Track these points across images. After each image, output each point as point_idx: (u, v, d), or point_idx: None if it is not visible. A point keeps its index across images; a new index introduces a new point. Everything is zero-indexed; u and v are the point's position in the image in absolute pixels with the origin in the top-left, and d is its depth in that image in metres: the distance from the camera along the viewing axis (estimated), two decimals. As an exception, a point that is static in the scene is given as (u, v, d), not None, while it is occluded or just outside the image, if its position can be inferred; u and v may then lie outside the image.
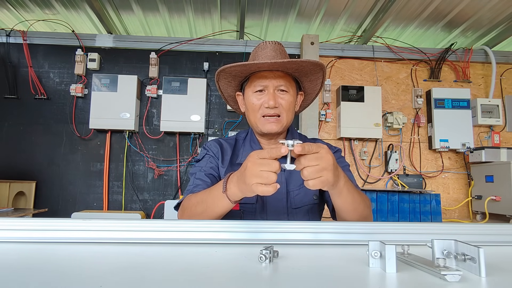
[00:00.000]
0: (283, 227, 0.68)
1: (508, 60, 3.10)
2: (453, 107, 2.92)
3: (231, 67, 0.98)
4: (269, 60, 0.94)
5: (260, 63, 0.94)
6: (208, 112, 3.00)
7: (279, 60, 0.93)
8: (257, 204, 1.02)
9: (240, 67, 0.98)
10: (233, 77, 1.06)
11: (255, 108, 1.02)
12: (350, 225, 0.69)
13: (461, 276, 0.44)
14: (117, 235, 0.65)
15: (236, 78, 1.07)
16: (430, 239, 0.52)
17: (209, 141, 1.14)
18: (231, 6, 2.64)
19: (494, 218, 2.60)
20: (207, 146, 1.12)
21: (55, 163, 2.86)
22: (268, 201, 1.02)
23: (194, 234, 0.66)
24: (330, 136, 3.03)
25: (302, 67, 0.99)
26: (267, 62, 0.93)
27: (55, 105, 2.91)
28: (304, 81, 1.09)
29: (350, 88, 2.92)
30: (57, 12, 2.79)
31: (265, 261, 0.51)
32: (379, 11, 2.61)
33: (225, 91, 1.14)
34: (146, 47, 2.98)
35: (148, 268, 0.48)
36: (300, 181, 1.05)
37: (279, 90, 1.01)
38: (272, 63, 0.93)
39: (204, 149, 1.12)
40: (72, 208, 2.80)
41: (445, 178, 3.00)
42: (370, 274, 0.47)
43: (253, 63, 0.95)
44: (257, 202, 1.02)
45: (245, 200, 1.01)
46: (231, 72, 1.02)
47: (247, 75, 1.05)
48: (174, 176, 2.92)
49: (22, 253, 0.57)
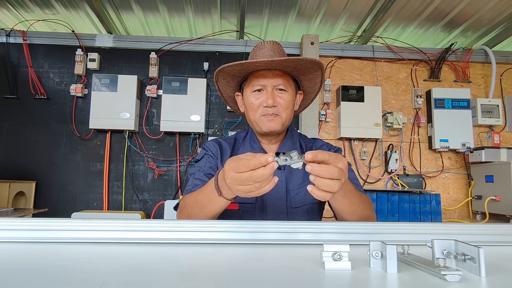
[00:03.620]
0: (283, 227, 0.68)
1: (508, 60, 3.10)
2: (453, 107, 2.92)
3: (229, 66, 0.98)
4: (267, 59, 0.94)
5: (258, 62, 0.94)
6: (208, 112, 3.00)
7: (277, 59, 0.93)
8: (257, 204, 1.02)
9: (238, 66, 0.98)
10: (231, 77, 1.06)
11: (254, 107, 1.02)
12: (350, 225, 0.69)
13: (461, 276, 0.44)
14: (117, 235, 0.65)
15: (234, 78, 1.07)
16: (430, 239, 0.52)
17: (208, 141, 1.14)
18: (231, 6, 2.64)
19: (494, 218, 2.60)
20: (206, 146, 1.12)
21: (55, 163, 2.86)
22: (268, 200, 1.02)
23: (194, 234, 0.66)
24: (330, 136, 3.03)
25: (300, 65, 0.99)
26: (265, 60, 0.93)
27: (55, 105, 2.91)
28: (303, 80, 1.08)
29: (350, 88, 2.92)
30: (57, 12, 2.79)
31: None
32: (379, 11, 2.61)
33: (224, 92, 1.13)
34: (146, 47, 2.98)
35: (148, 268, 0.48)
36: (300, 180, 1.05)
37: (278, 89, 1.01)
38: (269, 61, 0.93)
39: (203, 149, 1.11)
40: (72, 208, 2.80)
41: (445, 178, 3.00)
42: (371, 274, 0.47)
43: (251, 62, 0.94)
44: (256, 202, 1.02)
45: (244, 200, 1.00)
46: (230, 72, 1.02)
47: (246, 75, 1.05)
48: (174, 176, 2.92)
49: (22, 253, 0.57)
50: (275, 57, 1.02)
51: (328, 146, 1.14)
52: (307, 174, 1.06)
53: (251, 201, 1.01)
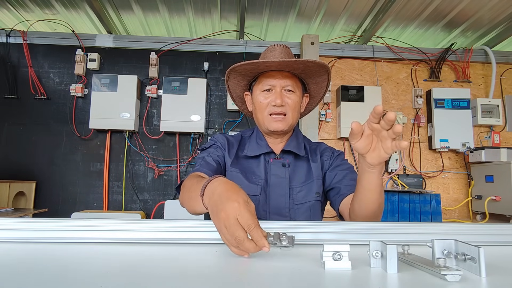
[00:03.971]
0: (283, 227, 0.68)
1: (508, 60, 3.10)
2: (453, 107, 2.92)
3: (241, 65, 1.03)
4: (278, 60, 0.99)
5: (269, 62, 0.99)
6: (208, 112, 3.00)
7: (287, 59, 0.98)
8: (261, 197, 1.05)
9: (249, 65, 1.02)
10: (242, 76, 1.11)
11: (262, 106, 1.07)
12: (350, 225, 0.69)
13: (461, 276, 0.44)
14: (117, 235, 0.65)
15: (245, 78, 1.11)
16: (430, 239, 0.52)
17: (216, 134, 1.19)
18: (231, 6, 2.64)
19: (494, 218, 2.60)
20: (214, 138, 1.16)
21: (55, 163, 2.86)
22: (271, 196, 1.06)
23: (194, 234, 0.66)
24: (330, 136, 3.03)
25: (308, 67, 1.03)
26: (276, 61, 0.98)
27: (55, 105, 2.91)
28: (310, 83, 1.13)
29: (350, 88, 2.92)
30: (57, 12, 2.79)
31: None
32: (379, 11, 2.61)
33: (233, 91, 1.18)
34: (146, 47, 2.98)
35: (148, 268, 0.48)
36: (303, 179, 1.09)
37: (286, 90, 1.05)
38: (279, 62, 0.98)
39: (211, 140, 1.16)
40: (72, 208, 2.80)
41: (445, 178, 3.00)
42: (371, 274, 0.47)
43: (262, 62, 0.99)
44: (260, 195, 1.06)
45: (249, 192, 1.03)
46: (241, 71, 1.07)
47: (256, 75, 1.09)
48: (174, 176, 2.92)
49: (22, 253, 0.57)
50: (285, 59, 1.05)
51: (331, 150, 1.18)
52: (310, 173, 1.11)
53: (256, 194, 1.05)
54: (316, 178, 1.09)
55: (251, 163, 1.10)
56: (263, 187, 1.06)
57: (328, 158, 1.14)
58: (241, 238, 0.53)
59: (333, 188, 1.08)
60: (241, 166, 1.09)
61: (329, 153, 1.16)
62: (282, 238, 0.54)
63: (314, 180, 1.09)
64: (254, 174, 1.08)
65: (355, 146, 0.72)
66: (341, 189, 1.04)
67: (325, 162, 1.13)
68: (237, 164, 1.09)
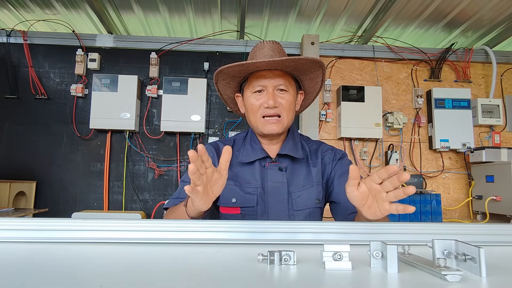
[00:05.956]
0: (284, 227, 0.68)
1: (509, 60, 3.10)
2: (454, 107, 2.91)
3: (229, 67, 0.97)
4: (267, 59, 0.93)
5: (258, 62, 0.93)
6: (209, 112, 3.00)
7: (277, 59, 0.91)
8: (258, 207, 1.01)
9: (237, 67, 0.96)
10: (231, 78, 1.04)
11: (254, 109, 1.01)
12: (351, 225, 0.69)
13: (462, 276, 0.44)
14: (117, 235, 0.65)
15: (234, 79, 1.05)
16: (430, 239, 0.52)
17: (206, 145, 1.14)
18: (231, 6, 2.64)
19: (495, 218, 2.60)
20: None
21: (56, 163, 2.86)
22: (270, 203, 1.01)
23: (194, 234, 0.66)
24: (331, 136, 3.02)
25: (300, 64, 0.97)
26: (265, 60, 0.92)
27: (55, 105, 2.91)
28: (304, 79, 1.07)
29: (351, 88, 2.92)
30: (57, 12, 2.79)
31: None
32: (380, 11, 2.61)
33: (224, 93, 1.11)
34: (146, 47, 2.98)
35: (148, 268, 0.48)
36: (302, 183, 1.04)
37: (279, 90, 0.99)
38: (270, 61, 0.92)
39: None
40: (73, 208, 2.80)
41: (445, 178, 3.00)
42: (372, 274, 0.47)
43: (251, 63, 0.93)
44: (257, 205, 1.01)
45: (246, 204, 1.00)
46: (229, 73, 1.01)
47: (246, 76, 1.03)
48: (174, 176, 2.92)
49: (22, 253, 0.57)
50: (275, 57, 1.00)
51: (333, 151, 1.12)
52: (309, 177, 1.07)
53: (252, 205, 1.01)
54: (316, 184, 1.04)
55: (245, 169, 1.05)
56: (260, 195, 1.02)
57: (330, 161, 1.08)
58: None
59: (339, 203, 1.03)
60: (235, 175, 1.04)
61: (331, 155, 1.09)
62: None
63: (314, 185, 1.04)
64: (248, 183, 1.03)
65: (349, 196, 0.70)
66: (348, 208, 0.99)
67: (327, 165, 1.07)
68: (231, 173, 1.01)
